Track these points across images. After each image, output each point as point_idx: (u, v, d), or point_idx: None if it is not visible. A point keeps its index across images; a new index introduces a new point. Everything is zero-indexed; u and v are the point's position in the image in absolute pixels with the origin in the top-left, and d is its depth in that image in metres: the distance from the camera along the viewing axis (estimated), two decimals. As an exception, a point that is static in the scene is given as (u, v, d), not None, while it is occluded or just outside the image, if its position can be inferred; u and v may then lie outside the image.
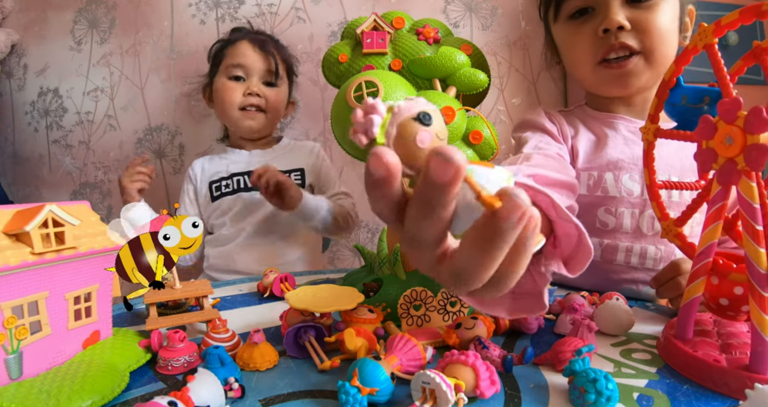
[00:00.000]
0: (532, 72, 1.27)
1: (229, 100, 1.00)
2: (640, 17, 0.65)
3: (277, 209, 0.93)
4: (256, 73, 1.01)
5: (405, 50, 0.63)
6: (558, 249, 0.33)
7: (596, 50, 0.68)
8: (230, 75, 1.01)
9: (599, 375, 0.33)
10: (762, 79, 0.73)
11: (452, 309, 0.50)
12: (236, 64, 1.00)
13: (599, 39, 0.67)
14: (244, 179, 1.02)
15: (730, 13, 0.38)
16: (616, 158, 0.69)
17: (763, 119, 0.33)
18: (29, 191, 1.38)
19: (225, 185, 1.02)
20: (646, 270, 0.67)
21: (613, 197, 0.69)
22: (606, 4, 0.66)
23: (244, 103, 1.01)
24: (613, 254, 0.69)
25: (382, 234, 0.59)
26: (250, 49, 1.01)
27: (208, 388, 0.35)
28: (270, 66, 1.02)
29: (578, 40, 0.70)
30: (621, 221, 0.68)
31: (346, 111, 0.56)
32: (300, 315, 0.47)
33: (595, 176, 0.69)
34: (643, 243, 0.68)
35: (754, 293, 0.35)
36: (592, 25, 0.67)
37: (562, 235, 0.33)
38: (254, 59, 1.00)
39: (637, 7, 0.66)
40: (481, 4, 1.25)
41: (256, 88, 1.01)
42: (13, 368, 0.36)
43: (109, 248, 0.43)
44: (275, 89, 1.04)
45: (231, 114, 1.02)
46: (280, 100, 1.05)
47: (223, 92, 1.01)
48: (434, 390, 0.33)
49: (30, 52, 1.34)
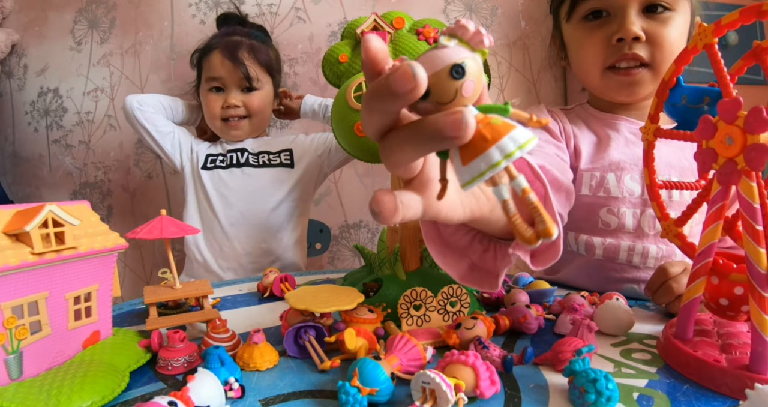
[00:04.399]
0: (532, 72, 1.27)
1: (211, 112, 1.03)
2: (654, 29, 0.66)
3: (268, 188, 1.01)
4: (232, 83, 1.02)
5: (405, 50, 0.63)
6: None
7: (607, 56, 0.68)
8: (210, 87, 1.03)
9: (599, 375, 0.33)
10: (762, 79, 0.73)
11: (452, 309, 0.50)
12: (212, 77, 1.02)
13: (612, 46, 0.67)
14: (237, 156, 1.04)
15: (730, 13, 0.38)
16: (618, 159, 0.70)
17: (763, 119, 0.33)
18: (29, 191, 1.38)
19: (220, 160, 1.04)
20: (648, 269, 0.68)
21: (615, 198, 0.69)
22: (623, 11, 0.66)
23: (224, 115, 1.02)
24: (615, 253, 0.69)
25: (382, 234, 0.59)
26: (221, 61, 1.00)
27: (208, 388, 0.35)
28: (242, 75, 1.01)
29: (590, 44, 0.70)
30: (623, 221, 0.69)
31: (347, 111, 0.56)
32: (300, 314, 0.47)
33: (598, 177, 0.70)
34: (645, 243, 0.68)
35: (754, 293, 0.35)
36: (606, 31, 0.67)
37: None
38: (227, 71, 1.00)
39: (653, 18, 0.66)
40: (481, 4, 1.25)
41: (234, 100, 1.01)
42: (13, 368, 0.36)
43: (108, 248, 0.43)
44: (256, 93, 1.04)
45: (215, 124, 1.04)
46: (263, 102, 1.06)
47: (206, 104, 1.04)
48: (434, 390, 0.33)
49: (30, 52, 1.34)
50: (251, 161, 1.05)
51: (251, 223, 1.01)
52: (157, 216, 0.50)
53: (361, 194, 1.29)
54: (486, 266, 0.36)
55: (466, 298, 0.49)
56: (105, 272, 0.44)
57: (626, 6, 0.66)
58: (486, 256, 0.36)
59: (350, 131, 0.56)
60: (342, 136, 0.60)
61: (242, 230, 1.01)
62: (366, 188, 1.29)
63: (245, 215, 1.01)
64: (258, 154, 1.06)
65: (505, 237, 0.37)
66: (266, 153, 1.06)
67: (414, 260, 0.59)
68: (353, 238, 1.31)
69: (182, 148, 1.06)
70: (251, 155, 1.05)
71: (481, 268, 0.36)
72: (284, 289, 0.64)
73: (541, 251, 0.35)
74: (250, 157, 1.05)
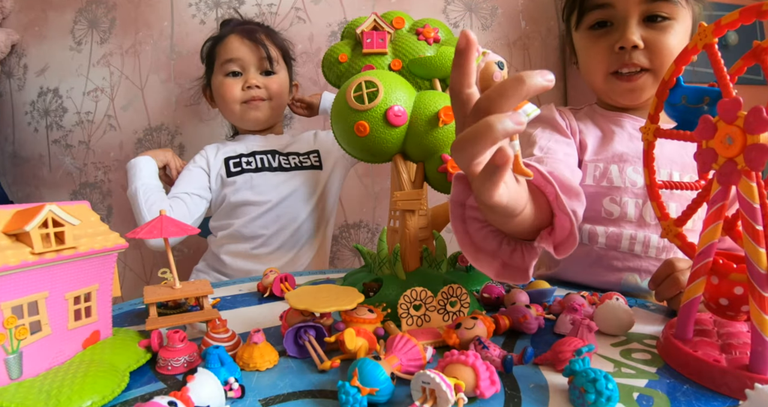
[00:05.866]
0: (532, 72, 1.27)
1: (230, 96, 1.00)
2: (653, 37, 0.70)
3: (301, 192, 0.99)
4: (252, 64, 1.00)
5: (405, 50, 0.63)
6: (552, 236, 0.40)
7: (610, 63, 0.73)
8: (227, 72, 1.00)
9: (599, 375, 0.33)
10: (762, 79, 0.73)
11: (452, 309, 0.50)
12: (229, 59, 0.99)
13: (614, 53, 0.72)
14: (268, 158, 1.01)
15: (730, 13, 0.38)
16: (621, 152, 0.74)
17: (763, 119, 0.33)
18: (29, 191, 1.38)
19: (246, 162, 1.00)
20: (650, 259, 0.71)
21: (618, 188, 0.72)
22: (625, 21, 0.71)
23: (245, 97, 1.00)
24: (617, 241, 0.72)
25: (382, 234, 0.59)
26: (239, 42, 0.99)
27: (208, 388, 0.35)
28: (262, 54, 1.00)
29: (595, 52, 0.75)
30: (625, 210, 0.72)
31: (347, 111, 0.56)
32: (300, 314, 0.47)
33: (601, 168, 0.74)
34: (647, 232, 0.71)
35: (754, 293, 0.35)
36: (609, 40, 0.73)
37: (558, 226, 0.39)
38: (246, 51, 0.99)
39: (652, 27, 0.71)
40: (481, 4, 1.25)
41: (255, 81, 0.99)
42: (13, 368, 0.36)
43: (108, 248, 0.43)
44: (274, 77, 1.03)
45: (234, 109, 1.01)
46: (282, 85, 1.04)
47: (223, 90, 1.00)
48: (434, 390, 0.33)
49: (30, 52, 1.34)
50: (282, 163, 1.02)
51: (286, 228, 0.99)
52: (157, 216, 0.50)
53: (361, 194, 1.29)
54: (516, 263, 0.42)
55: (466, 298, 0.49)
56: (105, 272, 0.44)
57: (628, 17, 0.70)
58: (515, 255, 0.42)
59: (350, 131, 0.56)
60: (342, 136, 0.60)
61: (275, 237, 0.98)
62: (366, 188, 1.29)
63: (280, 219, 0.98)
64: (288, 154, 1.03)
65: (528, 238, 0.42)
66: (296, 154, 1.04)
67: (414, 260, 0.59)
68: (353, 238, 1.31)
69: (212, 184, 1.01)
70: (281, 157, 1.02)
71: (512, 265, 0.42)
72: (284, 289, 0.64)
73: (561, 242, 0.40)
74: (281, 159, 1.02)
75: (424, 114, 0.55)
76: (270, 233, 0.98)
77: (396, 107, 0.55)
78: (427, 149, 0.57)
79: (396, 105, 0.55)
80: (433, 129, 0.55)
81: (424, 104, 0.56)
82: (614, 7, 0.71)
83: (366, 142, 0.56)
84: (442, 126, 0.55)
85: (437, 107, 0.55)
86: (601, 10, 0.72)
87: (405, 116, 0.56)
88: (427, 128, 0.55)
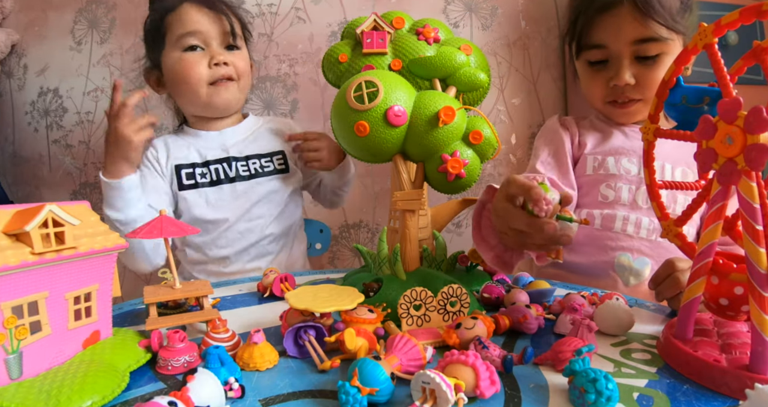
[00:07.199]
0: (532, 72, 1.27)
1: (195, 76, 0.83)
2: (645, 74, 0.78)
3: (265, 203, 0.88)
4: (213, 38, 0.84)
5: (405, 50, 0.63)
6: None
7: (606, 95, 0.83)
8: (184, 46, 0.83)
9: (599, 375, 0.33)
10: (762, 79, 0.74)
11: (452, 309, 0.50)
12: (187, 32, 0.83)
13: (609, 88, 0.81)
14: (224, 168, 0.88)
15: (730, 13, 0.37)
16: (618, 146, 0.84)
17: (763, 119, 0.33)
18: (29, 191, 1.38)
19: (201, 174, 0.87)
20: (641, 239, 0.78)
21: (614, 175, 0.82)
22: (619, 60, 0.79)
23: (213, 76, 0.85)
24: (611, 222, 0.80)
25: (382, 234, 0.59)
26: (197, 12, 0.83)
27: (208, 388, 0.35)
28: (226, 27, 0.85)
29: (593, 84, 0.84)
30: (619, 195, 0.80)
31: (347, 111, 0.56)
32: (300, 315, 0.47)
33: (599, 159, 0.84)
34: (639, 214, 0.79)
35: (754, 293, 0.35)
36: (605, 76, 0.81)
37: None
38: (207, 23, 0.83)
39: (645, 63, 0.78)
40: (481, 4, 1.25)
41: (222, 57, 0.84)
42: (13, 368, 0.36)
43: (108, 248, 0.43)
44: (239, 52, 0.88)
45: (200, 91, 0.85)
46: (247, 63, 0.91)
47: (184, 68, 0.83)
48: (434, 390, 0.33)
49: (30, 52, 1.34)
50: (241, 171, 0.88)
51: (254, 244, 0.89)
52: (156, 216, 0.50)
53: (361, 194, 1.29)
54: (506, 259, 0.55)
55: (466, 298, 0.49)
56: (105, 272, 0.44)
57: (621, 56, 0.78)
58: (506, 254, 0.56)
59: (350, 131, 0.56)
60: (342, 136, 0.60)
61: (244, 254, 0.89)
62: (366, 188, 1.29)
63: (244, 236, 0.88)
64: (247, 159, 0.90)
65: None
66: (257, 158, 0.90)
67: (414, 260, 0.59)
68: (353, 238, 1.31)
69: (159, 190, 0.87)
70: (240, 164, 0.89)
71: (503, 259, 0.55)
72: (284, 289, 0.64)
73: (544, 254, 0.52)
74: (239, 166, 0.88)
75: (424, 114, 0.55)
76: (234, 251, 0.88)
77: (396, 106, 0.55)
78: (427, 149, 0.57)
79: (396, 105, 0.55)
80: (433, 129, 0.55)
81: (424, 104, 0.56)
82: (608, 48, 0.79)
83: (366, 142, 0.56)
84: (442, 126, 0.55)
85: (437, 107, 0.55)
86: (597, 49, 0.80)
87: (405, 116, 0.56)
88: (427, 128, 0.55)
